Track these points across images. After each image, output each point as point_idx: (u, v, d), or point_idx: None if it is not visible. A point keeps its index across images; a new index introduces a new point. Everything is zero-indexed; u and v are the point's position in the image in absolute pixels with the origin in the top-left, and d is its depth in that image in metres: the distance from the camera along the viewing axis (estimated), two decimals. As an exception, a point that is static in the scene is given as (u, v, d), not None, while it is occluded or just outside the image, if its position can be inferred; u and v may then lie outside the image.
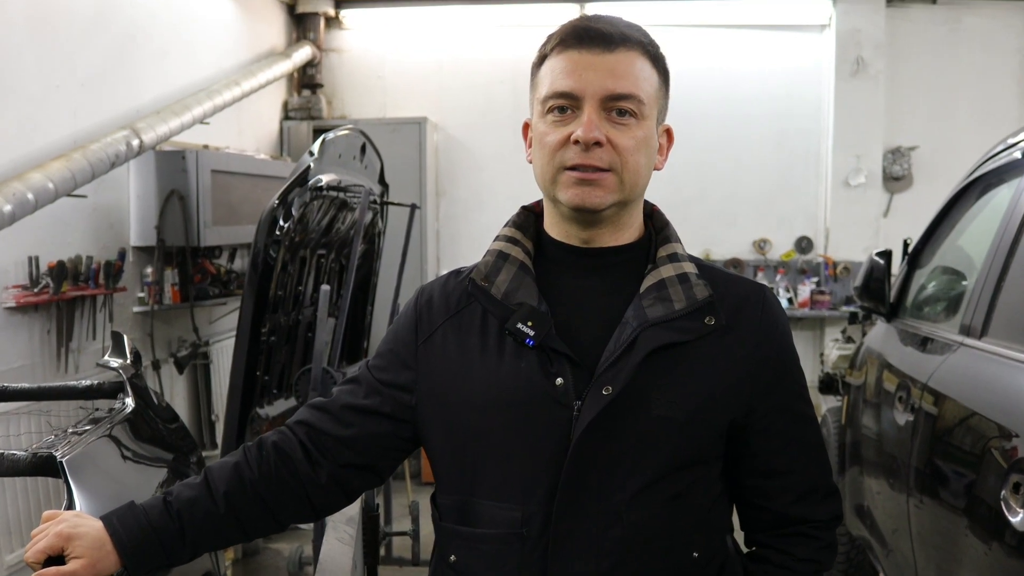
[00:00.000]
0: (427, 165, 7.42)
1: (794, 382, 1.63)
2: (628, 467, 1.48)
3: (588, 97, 1.47)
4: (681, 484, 1.51)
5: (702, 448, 1.53)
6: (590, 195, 1.48)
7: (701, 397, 1.50)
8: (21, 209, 3.84)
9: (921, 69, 7.46)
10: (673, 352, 1.49)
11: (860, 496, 3.92)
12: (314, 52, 7.53)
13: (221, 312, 5.99)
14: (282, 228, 3.91)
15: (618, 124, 1.48)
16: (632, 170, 1.50)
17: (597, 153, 1.46)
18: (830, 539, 1.64)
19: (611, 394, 1.46)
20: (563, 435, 1.47)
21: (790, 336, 1.64)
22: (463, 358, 1.55)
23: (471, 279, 1.59)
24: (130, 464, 2.04)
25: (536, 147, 1.54)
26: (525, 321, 1.50)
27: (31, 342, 4.32)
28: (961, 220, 3.62)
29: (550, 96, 1.50)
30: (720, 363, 1.52)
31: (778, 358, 1.59)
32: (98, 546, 1.47)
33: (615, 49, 1.49)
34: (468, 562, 1.55)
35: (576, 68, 1.48)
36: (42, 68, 4.33)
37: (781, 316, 1.62)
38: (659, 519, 1.49)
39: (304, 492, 1.61)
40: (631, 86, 1.49)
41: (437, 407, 1.57)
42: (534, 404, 1.49)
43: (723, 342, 1.53)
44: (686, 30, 7.53)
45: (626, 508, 1.48)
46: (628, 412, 1.47)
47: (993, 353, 2.60)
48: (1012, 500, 2.07)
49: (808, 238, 7.57)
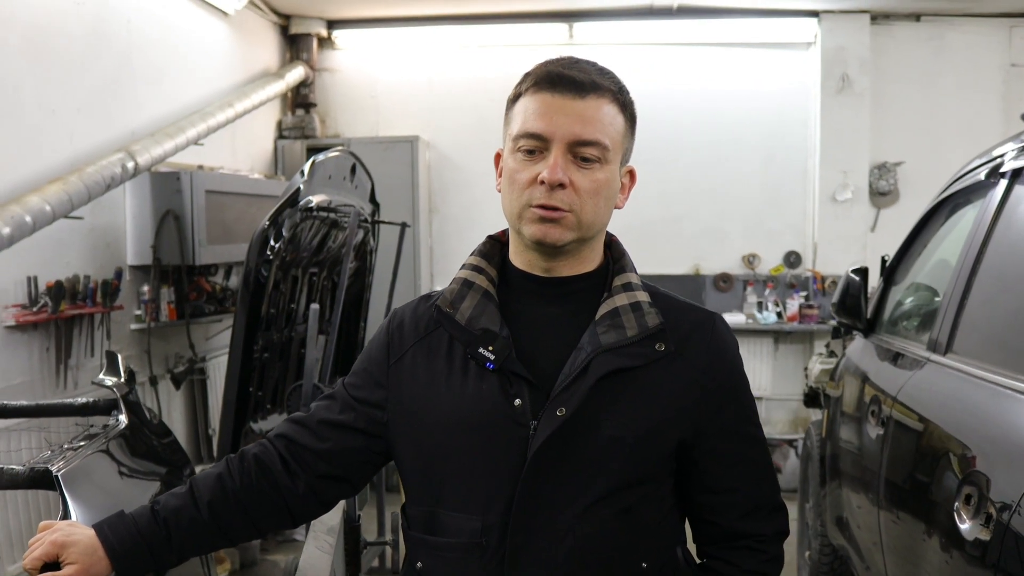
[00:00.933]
0: (419, 183, 7.51)
1: (742, 406, 1.73)
2: (580, 483, 1.58)
3: (556, 140, 1.57)
4: (630, 499, 1.61)
5: (651, 467, 1.63)
6: (550, 232, 1.58)
7: (650, 419, 1.60)
8: (19, 231, 3.94)
9: (906, 85, 7.55)
10: (624, 376, 1.59)
11: (839, 508, 4.00)
12: (307, 72, 7.64)
13: (217, 329, 6.09)
14: (273, 248, 4.01)
15: (582, 168, 1.58)
16: (590, 211, 1.59)
17: (559, 195, 1.56)
18: (775, 552, 1.73)
19: (564, 415, 1.56)
20: (520, 452, 1.57)
21: (739, 362, 1.74)
22: (431, 379, 1.66)
23: (436, 306, 1.69)
24: (123, 478, 2.15)
25: (505, 181, 1.64)
26: (486, 346, 1.60)
27: (31, 360, 4.41)
28: (933, 238, 3.72)
29: (521, 135, 1.60)
30: (669, 387, 1.62)
31: (726, 382, 1.69)
32: (90, 552, 1.57)
33: (586, 96, 1.58)
34: (433, 569, 1.66)
35: (548, 111, 1.57)
36: (40, 93, 4.44)
37: (731, 343, 1.73)
38: (609, 532, 1.59)
39: (283, 501, 1.71)
40: (598, 132, 1.58)
41: (407, 424, 1.68)
42: (495, 423, 1.59)
43: (672, 367, 1.63)
44: (673, 48, 7.64)
45: (577, 522, 1.58)
46: (580, 432, 1.57)
47: (955, 369, 2.70)
48: (964, 511, 2.16)
49: (797, 253, 7.66)
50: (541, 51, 7.51)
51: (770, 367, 7.62)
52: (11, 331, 4.27)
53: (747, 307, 7.55)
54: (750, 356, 7.59)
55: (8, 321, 4.23)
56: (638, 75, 7.57)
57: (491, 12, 7.56)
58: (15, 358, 4.31)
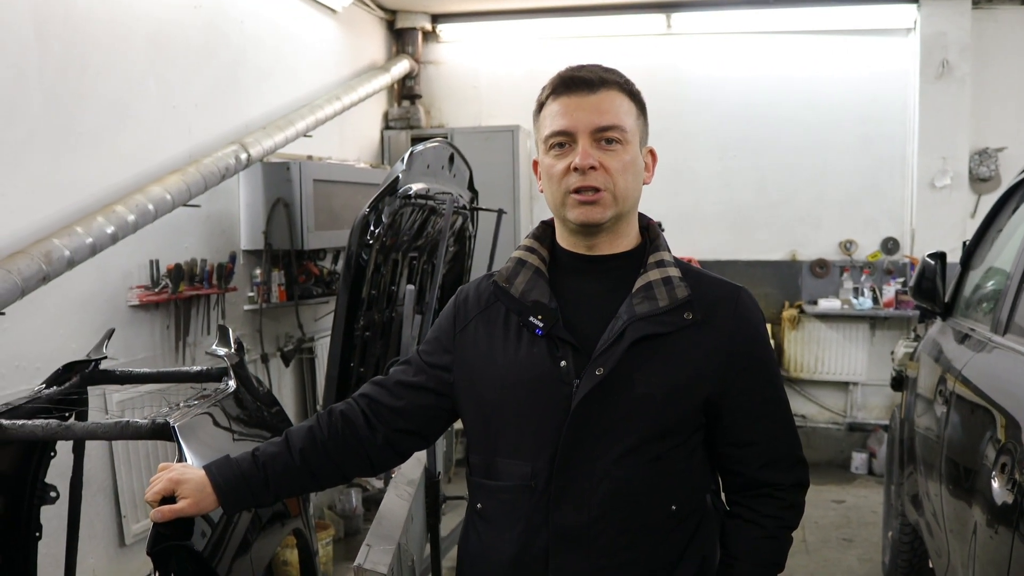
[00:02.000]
0: (520, 171, 7.70)
1: (764, 369, 1.93)
2: (615, 434, 1.81)
3: (580, 132, 1.81)
4: (660, 449, 1.83)
5: (677, 421, 1.84)
6: (592, 212, 1.82)
7: (677, 379, 1.82)
8: (143, 218, 4.29)
9: (1009, 70, 7.44)
10: (655, 341, 1.81)
11: (916, 486, 4.11)
12: (412, 65, 7.94)
13: (324, 310, 6.41)
14: (373, 233, 4.27)
15: (607, 151, 1.81)
16: (622, 187, 1.83)
17: (592, 176, 1.80)
18: (793, 500, 1.94)
19: (602, 374, 1.79)
20: (564, 407, 1.80)
21: (763, 329, 1.95)
22: (490, 345, 1.91)
23: (494, 281, 1.94)
24: (229, 430, 2.44)
25: (544, 178, 1.88)
26: (536, 315, 1.85)
27: (152, 336, 4.78)
28: (1008, 223, 3.79)
29: (551, 135, 1.84)
30: (695, 351, 1.84)
31: (749, 348, 1.90)
32: (201, 489, 1.85)
33: (597, 90, 1.83)
34: (491, 509, 1.92)
35: (568, 110, 1.82)
36: (161, 91, 4.79)
37: (755, 313, 1.93)
38: (641, 477, 1.82)
39: (364, 451, 1.97)
40: (614, 118, 1.82)
41: (469, 384, 1.93)
42: (543, 382, 1.83)
43: (699, 334, 1.84)
44: (771, 37, 7.70)
45: (613, 467, 1.81)
46: (616, 389, 1.80)
47: (1009, 348, 2.82)
48: (998, 477, 2.30)
49: (894, 239, 7.65)
50: (639, 41, 7.72)
51: (866, 353, 7.64)
52: (135, 310, 4.63)
53: (843, 293, 7.59)
54: (846, 341, 7.64)
55: (133, 301, 4.59)
56: (735, 64, 7.72)
57: (590, 4, 7.73)
58: (139, 335, 4.67)
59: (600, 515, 1.81)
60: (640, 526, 1.83)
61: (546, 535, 1.83)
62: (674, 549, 1.86)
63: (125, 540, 4.49)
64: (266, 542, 2.36)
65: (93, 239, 3.94)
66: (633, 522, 1.82)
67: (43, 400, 2.64)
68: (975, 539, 2.52)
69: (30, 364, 3.91)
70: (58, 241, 3.78)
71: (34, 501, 2.82)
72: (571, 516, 1.81)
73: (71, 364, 2.89)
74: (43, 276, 3.65)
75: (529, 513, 1.84)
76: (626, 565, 1.83)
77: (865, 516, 6.24)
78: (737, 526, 1.93)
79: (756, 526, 1.91)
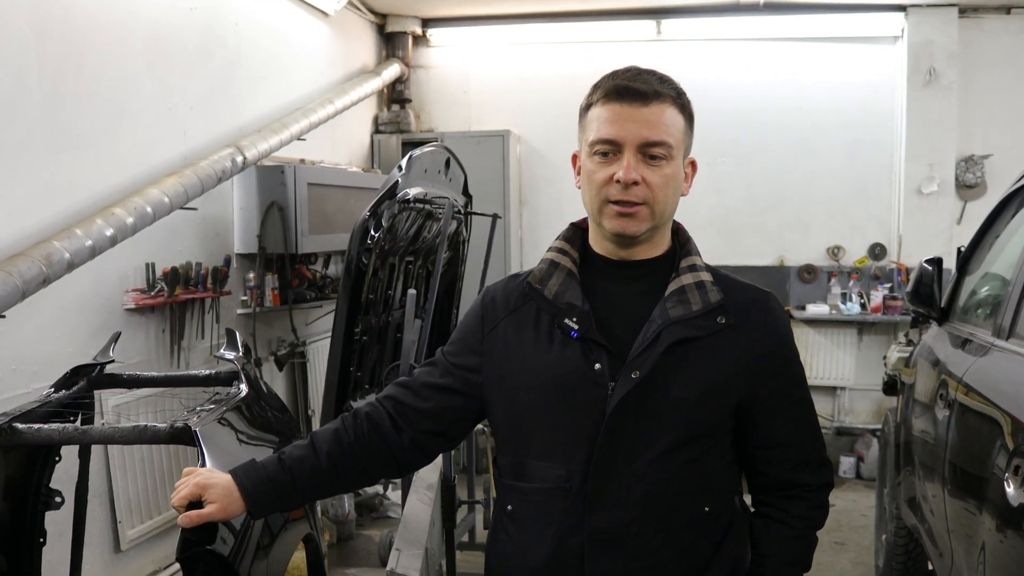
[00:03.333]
0: (510, 176, 7.74)
1: (793, 372, 1.95)
2: (651, 436, 1.82)
3: (628, 144, 1.80)
4: (695, 451, 1.84)
5: (712, 423, 1.86)
6: (629, 225, 1.83)
7: (711, 382, 1.83)
8: (141, 221, 4.27)
9: (995, 78, 7.53)
10: (690, 345, 1.82)
11: (912, 489, 4.13)
12: (402, 69, 7.94)
13: (317, 314, 6.41)
14: (373, 237, 4.26)
15: (651, 165, 1.81)
16: (661, 202, 1.83)
17: (634, 190, 1.80)
18: (821, 501, 1.96)
19: (638, 378, 1.79)
20: (599, 409, 1.81)
21: (790, 334, 1.97)
22: (520, 346, 1.90)
23: (527, 282, 1.93)
24: (245, 434, 2.43)
25: (585, 181, 1.87)
26: (571, 317, 1.85)
27: (147, 340, 4.76)
28: (1004, 230, 3.82)
29: (597, 141, 1.82)
30: (728, 355, 1.85)
31: (779, 352, 1.92)
32: (228, 493, 1.84)
33: (649, 103, 1.80)
34: (522, 511, 1.91)
35: (618, 119, 1.80)
36: (157, 94, 4.77)
37: (783, 318, 1.95)
38: (676, 479, 1.83)
39: (391, 452, 1.97)
40: (663, 134, 1.81)
41: (498, 385, 1.93)
42: (577, 384, 1.83)
43: (732, 338, 1.86)
44: (760, 44, 7.76)
45: (649, 469, 1.81)
46: (651, 392, 1.80)
47: (1016, 353, 2.84)
48: (1012, 481, 2.32)
49: (881, 245, 7.71)
50: (629, 47, 7.74)
51: (853, 358, 7.70)
52: (131, 313, 4.61)
53: (831, 298, 7.64)
54: (833, 347, 7.68)
55: (128, 304, 4.57)
56: (725, 70, 7.75)
57: (580, 9, 7.76)
58: (134, 339, 4.64)
59: (636, 516, 1.81)
60: (675, 527, 1.84)
61: (581, 536, 1.83)
62: (708, 549, 1.87)
63: (120, 546, 4.47)
64: (282, 547, 2.35)
65: (92, 241, 3.93)
66: (668, 523, 1.83)
67: (53, 404, 2.62)
68: (986, 540, 2.54)
69: (27, 367, 3.89)
70: (58, 243, 3.76)
71: (38, 507, 2.79)
72: (607, 517, 1.82)
73: (78, 368, 2.88)
74: (43, 279, 3.63)
75: (563, 514, 1.84)
76: (661, 565, 1.84)
77: (856, 520, 6.27)
78: (767, 526, 1.94)
79: (786, 526, 1.93)
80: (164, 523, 4.75)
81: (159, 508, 4.70)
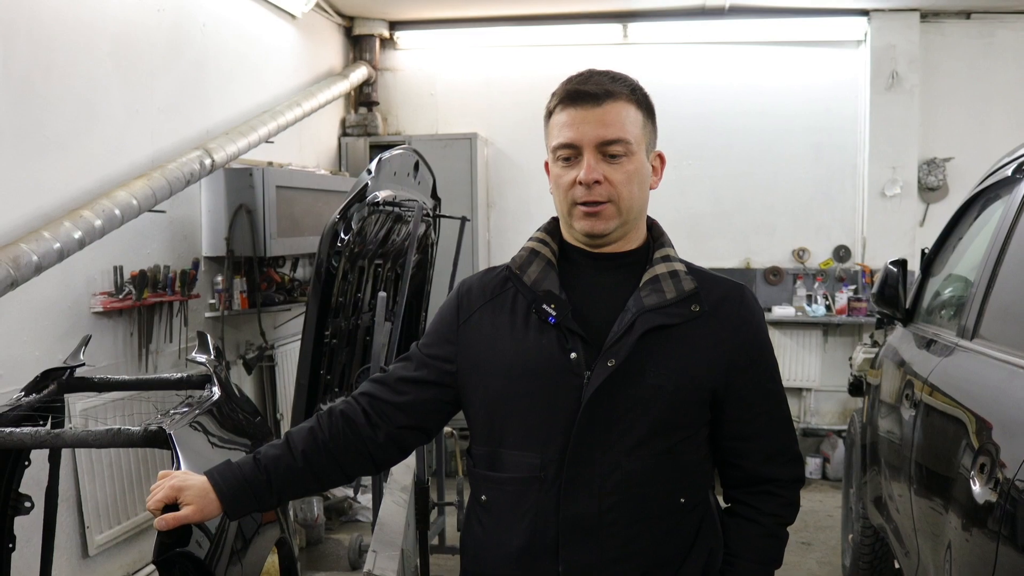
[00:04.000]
0: (478, 179, 7.75)
1: (766, 365, 1.99)
2: (627, 425, 1.84)
3: (585, 145, 1.84)
4: (670, 441, 1.86)
5: (688, 412, 1.88)
6: (596, 224, 1.86)
7: (687, 370, 1.86)
8: (109, 223, 4.25)
9: (956, 82, 7.65)
10: (665, 333, 1.85)
11: (878, 489, 4.18)
12: (370, 72, 7.93)
13: (285, 317, 6.39)
14: (343, 240, 4.26)
15: (612, 163, 1.84)
16: (627, 198, 1.86)
17: (597, 190, 1.83)
18: (792, 497, 2.00)
19: (614, 366, 1.82)
20: (575, 398, 1.83)
21: (764, 326, 2.01)
22: (496, 334, 1.93)
23: (508, 267, 1.97)
24: (218, 437, 2.42)
25: (553, 186, 1.92)
26: (549, 304, 1.87)
27: (115, 344, 4.72)
28: (967, 232, 3.89)
29: (558, 147, 1.87)
30: (703, 343, 1.88)
31: (753, 342, 1.95)
32: (203, 495, 1.84)
33: (602, 103, 1.84)
34: (496, 501, 1.93)
35: (573, 122, 1.85)
36: (124, 95, 4.74)
37: (757, 309, 1.99)
38: (652, 469, 1.85)
39: (366, 449, 1.98)
40: (618, 131, 1.84)
41: (473, 373, 1.95)
42: (552, 373, 1.85)
43: (707, 326, 1.89)
44: (725, 47, 7.83)
45: (625, 458, 1.84)
46: (627, 380, 1.83)
47: (980, 353, 2.89)
48: (978, 479, 2.36)
49: (846, 247, 7.80)
50: (596, 51, 7.77)
51: (819, 359, 7.78)
52: (99, 317, 4.57)
53: (796, 300, 7.72)
54: (799, 348, 7.76)
55: (96, 307, 4.53)
56: (690, 73, 7.81)
57: (547, 13, 7.79)
58: (102, 343, 4.60)
59: (611, 506, 1.83)
60: (650, 517, 1.86)
61: (556, 526, 1.85)
62: (683, 541, 1.89)
63: (88, 551, 4.43)
64: (255, 551, 2.35)
65: (61, 244, 3.90)
66: (643, 513, 1.85)
67: (23, 408, 2.60)
68: (952, 538, 2.58)
69: (-6, 372, 3.86)
70: (26, 246, 3.73)
71: (7, 512, 2.77)
72: (582, 506, 1.83)
73: (48, 371, 2.86)
74: (11, 281, 3.61)
75: (538, 504, 1.86)
76: (636, 555, 1.86)
77: (822, 520, 6.33)
78: (738, 524, 1.97)
79: (756, 524, 1.96)
80: (132, 528, 4.72)
81: (127, 513, 4.67)
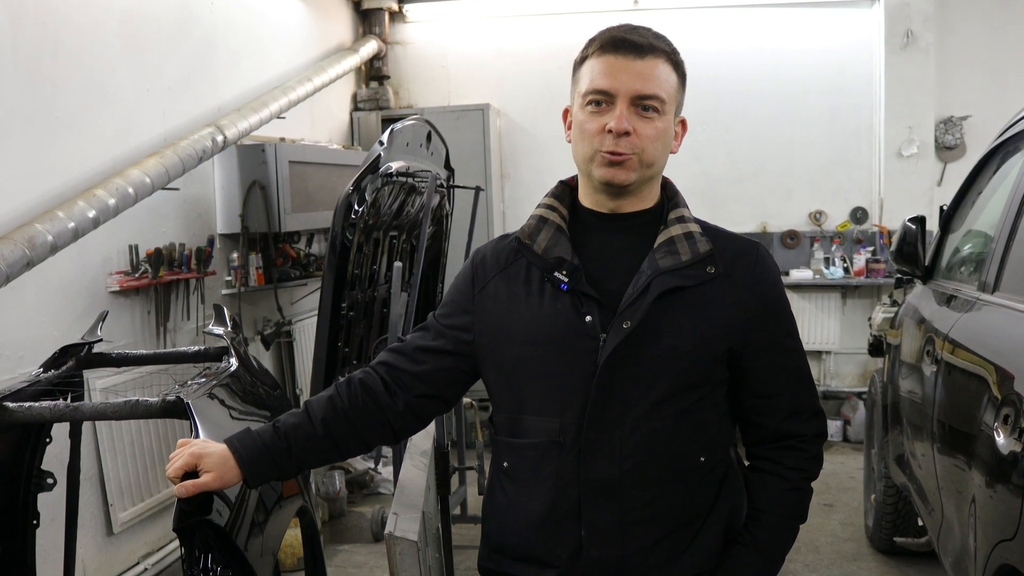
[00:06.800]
0: (491, 149, 7.71)
1: (783, 320, 1.97)
2: (645, 386, 1.83)
3: (621, 95, 1.81)
4: (689, 401, 1.85)
5: (705, 372, 1.87)
6: (618, 173, 1.83)
7: (703, 330, 1.84)
8: (123, 202, 4.25)
9: (972, 39, 7.53)
10: (680, 294, 1.83)
11: (900, 447, 4.17)
12: (380, 45, 7.89)
13: (302, 293, 6.39)
14: (356, 212, 4.26)
15: (643, 117, 1.82)
16: (651, 154, 1.84)
17: (624, 141, 1.81)
18: (815, 451, 1.98)
19: (630, 327, 1.80)
20: (592, 361, 1.82)
21: (780, 284, 1.98)
22: (511, 302, 1.91)
23: (517, 237, 1.95)
24: (237, 407, 2.43)
25: (576, 132, 1.88)
26: (561, 270, 1.85)
27: (133, 322, 4.74)
28: (986, 186, 3.85)
29: (590, 92, 1.84)
30: (719, 303, 1.86)
31: (768, 301, 1.93)
32: (223, 462, 1.83)
33: (644, 56, 1.82)
34: (517, 466, 1.92)
35: (612, 70, 1.82)
36: (134, 75, 4.73)
37: (772, 268, 1.97)
38: (671, 429, 1.84)
39: (385, 418, 1.97)
40: (656, 88, 1.82)
41: (490, 342, 1.94)
42: (569, 337, 1.84)
43: (722, 286, 1.87)
44: (737, 10, 7.75)
45: (643, 419, 1.82)
46: (643, 342, 1.81)
47: (1002, 306, 2.86)
48: (1002, 430, 2.34)
49: (863, 209, 7.73)
50: (606, 18, 7.65)
51: (838, 321, 7.73)
52: (116, 296, 4.58)
53: (814, 263, 7.66)
54: (818, 311, 7.71)
55: (113, 286, 4.54)
56: (702, 38, 7.73)
57: (557, -20, 7.72)
58: (120, 322, 4.61)
59: (632, 468, 1.83)
60: (671, 478, 1.85)
61: (577, 489, 1.84)
62: (704, 501, 1.89)
63: (113, 529, 4.46)
64: (276, 523, 2.35)
65: (75, 223, 3.90)
66: (664, 474, 1.84)
67: (42, 384, 2.61)
68: (976, 494, 2.57)
69: (13, 352, 3.87)
70: (40, 226, 3.74)
71: (31, 489, 2.79)
72: (603, 469, 1.83)
73: (67, 347, 2.87)
74: (27, 262, 3.61)
75: (559, 468, 1.85)
76: (658, 516, 1.85)
77: (844, 482, 6.32)
78: (762, 479, 1.96)
79: (781, 479, 1.94)
80: (156, 505, 4.75)
81: (150, 490, 4.70)
